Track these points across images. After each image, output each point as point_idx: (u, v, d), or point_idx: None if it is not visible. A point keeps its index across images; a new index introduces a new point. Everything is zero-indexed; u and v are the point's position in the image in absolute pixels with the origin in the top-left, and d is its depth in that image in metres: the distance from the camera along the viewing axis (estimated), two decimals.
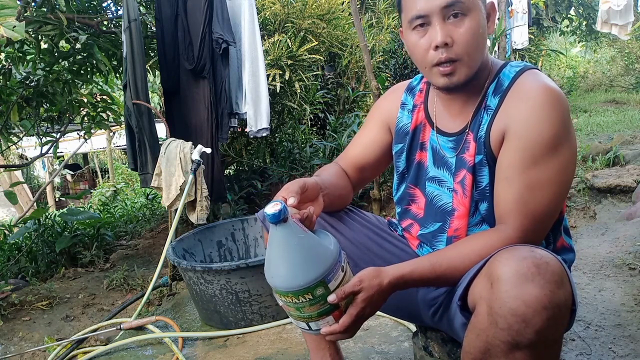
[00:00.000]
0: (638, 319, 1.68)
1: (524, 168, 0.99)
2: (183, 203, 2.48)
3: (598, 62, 11.54)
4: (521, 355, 0.84)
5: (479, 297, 0.90)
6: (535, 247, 0.89)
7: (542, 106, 0.98)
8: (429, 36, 1.02)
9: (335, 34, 4.15)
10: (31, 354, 2.36)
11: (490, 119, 1.05)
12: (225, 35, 2.82)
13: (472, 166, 1.08)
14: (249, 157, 4.04)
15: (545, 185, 0.99)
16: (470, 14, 1.01)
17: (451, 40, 1.00)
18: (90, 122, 4.10)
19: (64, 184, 11.93)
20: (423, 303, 1.22)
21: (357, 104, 4.59)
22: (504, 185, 1.02)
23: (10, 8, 2.13)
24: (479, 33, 1.02)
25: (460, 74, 1.03)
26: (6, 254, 3.79)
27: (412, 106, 1.23)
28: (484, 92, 1.09)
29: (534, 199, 0.99)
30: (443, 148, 1.15)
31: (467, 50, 1.01)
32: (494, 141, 1.05)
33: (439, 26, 1.00)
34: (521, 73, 1.05)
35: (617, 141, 3.81)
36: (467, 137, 1.10)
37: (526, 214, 0.99)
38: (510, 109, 1.02)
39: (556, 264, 0.84)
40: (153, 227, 4.35)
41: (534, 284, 0.81)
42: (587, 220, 2.86)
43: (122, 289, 3.00)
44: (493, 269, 0.87)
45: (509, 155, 1.01)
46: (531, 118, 0.98)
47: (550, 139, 0.97)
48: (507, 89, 1.05)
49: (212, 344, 2.09)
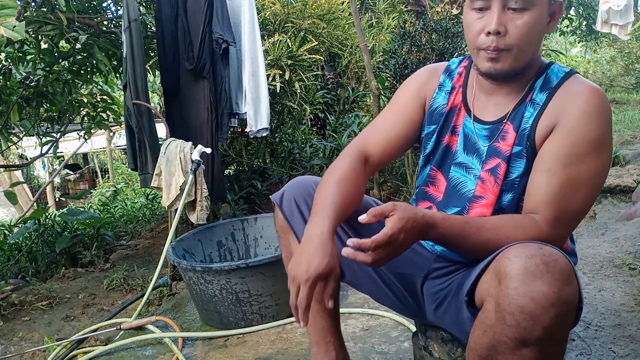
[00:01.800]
0: (638, 319, 1.68)
1: (568, 163, 0.99)
2: (183, 203, 2.48)
3: (598, 62, 11.54)
4: (528, 352, 0.84)
5: (487, 294, 0.90)
6: (544, 245, 0.89)
7: (595, 107, 1.00)
8: (485, 20, 1.02)
9: (335, 34, 4.15)
10: (31, 354, 2.36)
11: (537, 114, 1.06)
12: (225, 35, 2.82)
13: (507, 156, 1.08)
14: (249, 157, 4.04)
15: (584, 184, 1.00)
16: (533, 8, 1.00)
17: (504, 30, 1.01)
18: (90, 122, 4.10)
19: (64, 184, 11.93)
20: (427, 296, 1.22)
21: (357, 104, 4.59)
22: (545, 176, 1.01)
23: (10, 8, 2.13)
24: (535, 29, 1.02)
25: (505, 63, 1.03)
26: (6, 254, 3.79)
27: (451, 88, 1.22)
28: (530, 86, 1.09)
29: (571, 195, 0.99)
30: (478, 135, 1.14)
31: (518, 43, 1.01)
32: (540, 136, 1.05)
33: (496, 13, 1.00)
34: (570, 75, 1.07)
35: (617, 141, 3.81)
36: (505, 127, 1.10)
37: (561, 209, 0.99)
38: (561, 105, 1.03)
39: (564, 262, 0.85)
40: (153, 227, 4.35)
41: (542, 282, 0.81)
42: (587, 221, 2.86)
43: (122, 289, 3.00)
44: (501, 266, 0.87)
45: (555, 149, 1.01)
46: (583, 116, 1.00)
47: (597, 139, 0.99)
48: (556, 87, 1.06)
49: (212, 344, 2.09)
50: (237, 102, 3.02)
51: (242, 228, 2.72)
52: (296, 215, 1.23)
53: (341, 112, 4.46)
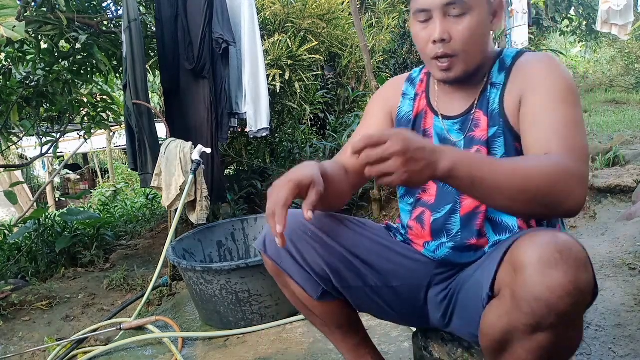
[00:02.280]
0: (638, 319, 1.68)
1: (551, 109, 0.99)
2: (183, 203, 2.48)
3: (598, 62, 11.54)
4: (543, 336, 0.86)
5: (503, 284, 0.90)
6: (558, 232, 0.88)
7: (551, 66, 1.04)
8: (430, 30, 1.06)
9: (335, 34, 4.15)
10: (31, 354, 2.36)
11: (500, 92, 1.09)
12: (226, 35, 2.82)
13: (485, 140, 1.09)
14: (249, 157, 4.05)
15: (578, 123, 0.98)
16: (472, 12, 1.03)
17: (449, 37, 1.04)
18: (90, 122, 4.11)
19: (64, 184, 11.93)
20: (433, 304, 1.21)
21: (357, 104, 4.59)
22: (535, 128, 1.00)
23: (10, 8, 2.14)
24: (479, 31, 1.05)
25: (457, 70, 1.07)
26: (6, 254, 3.79)
27: (414, 95, 1.24)
28: (488, 73, 1.12)
29: (573, 134, 0.96)
30: (450, 132, 1.16)
31: (464, 47, 1.04)
32: (510, 109, 1.07)
33: (438, 21, 1.04)
34: (522, 52, 1.12)
35: (617, 141, 3.81)
36: (475, 115, 1.12)
37: (572, 146, 0.95)
38: (521, 77, 1.06)
39: (578, 249, 0.85)
40: (153, 227, 4.35)
41: (557, 270, 0.81)
42: (587, 220, 2.86)
43: (122, 289, 3.01)
44: (516, 256, 0.87)
45: (532, 106, 1.02)
46: (543, 75, 1.03)
47: (566, 88, 1.01)
48: (512, 65, 1.10)
49: (212, 344, 2.09)
50: (237, 102, 3.02)
51: (242, 228, 2.72)
52: (284, 256, 1.19)
53: (341, 112, 4.46)
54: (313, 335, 1.95)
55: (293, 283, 1.21)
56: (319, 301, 1.22)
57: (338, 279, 1.17)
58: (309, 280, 1.19)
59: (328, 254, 1.17)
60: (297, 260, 1.17)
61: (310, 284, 1.19)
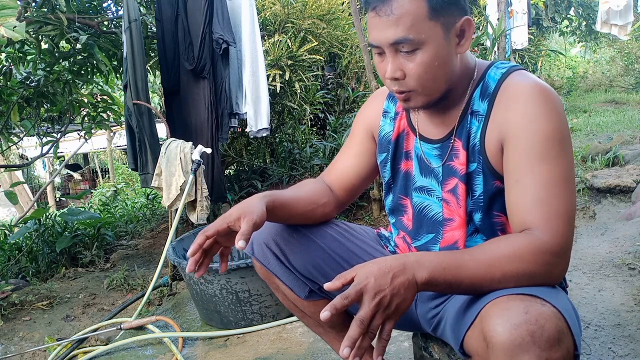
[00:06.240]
0: (638, 319, 1.68)
1: (533, 167, 0.94)
2: (183, 203, 2.48)
3: (598, 62, 11.55)
4: None
5: (476, 354, 0.89)
6: (530, 304, 0.82)
7: (536, 104, 0.96)
8: (385, 64, 1.00)
9: (335, 34, 4.16)
10: (31, 354, 2.37)
11: (482, 126, 1.03)
12: (226, 36, 2.82)
13: (464, 175, 1.05)
14: (249, 157, 4.05)
15: (560, 182, 0.93)
16: (424, 46, 0.96)
17: (402, 74, 0.99)
18: (90, 122, 4.11)
19: (64, 184, 11.94)
20: (423, 320, 1.20)
21: (357, 104, 4.59)
22: (516, 189, 0.96)
23: (10, 8, 2.14)
24: (435, 63, 0.97)
25: (417, 101, 1.02)
26: (6, 254, 3.80)
27: (394, 114, 1.21)
28: (469, 96, 1.05)
29: (554, 197, 0.93)
30: (428, 156, 1.12)
31: (419, 83, 0.99)
32: (490, 149, 1.01)
33: (390, 59, 0.98)
34: (507, 75, 1.02)
35: (616, 141, 3.81)
36: (455, 144, 1.07)
37: (552, 215, 0.92)
38: (503, 112, 0.99)
39: (552, 325, 0.80)
40: (153, 227, 4.35)
41: (529, 355, 0.79)
42: (587, 220, 2.86)
43: (123, 289, 3.01)
44: (487, 329, 0.83)
45: (514, 161, 0.97)
46: (527, 117, 0.96)
47: (552, 134, 0.94)
48: (495, 91, 1.02)
49: (212, 344, 2.09)
50: (237, 102, 3.03)
51: None
52: (270, 258, 1.20)
53: (341, 112, 4.47)
54: (313, 335, 1.95)
55: (282, 284, 1.24)
56: (308, 301, 1.24)
57: (324, 279, 1.17)
58: (295, 281, 1.22)
59: (312, 254, 1.19)
60: (282, 261, 1.20)
61: (297, 284, 1.22)
